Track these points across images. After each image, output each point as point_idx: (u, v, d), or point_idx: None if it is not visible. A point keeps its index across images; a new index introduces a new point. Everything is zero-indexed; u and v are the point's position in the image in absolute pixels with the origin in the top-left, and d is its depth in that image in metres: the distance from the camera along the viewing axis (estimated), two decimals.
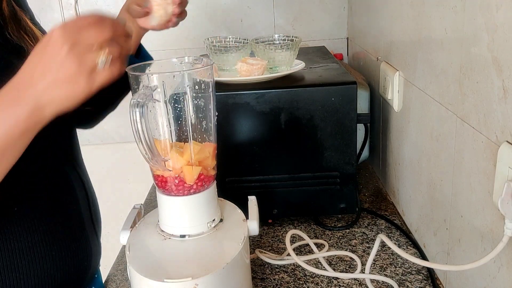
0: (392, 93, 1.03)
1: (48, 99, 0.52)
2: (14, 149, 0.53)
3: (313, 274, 0.87)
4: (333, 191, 1.01)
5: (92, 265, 0.79)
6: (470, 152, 0.67)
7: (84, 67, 0.51)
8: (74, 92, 0.52)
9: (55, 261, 0.69)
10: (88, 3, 1.69)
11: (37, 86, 0.51)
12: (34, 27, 0.74)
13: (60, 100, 0.52)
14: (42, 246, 0.67)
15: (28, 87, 0.51)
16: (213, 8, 1.69)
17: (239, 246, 0.66)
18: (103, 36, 0.51)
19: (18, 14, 0.72)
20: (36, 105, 0.51)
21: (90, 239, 0.77)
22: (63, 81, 0.51)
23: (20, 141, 0.53)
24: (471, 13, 0.63)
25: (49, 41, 0.51)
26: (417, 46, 0.87)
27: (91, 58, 0.51)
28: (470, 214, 0.68)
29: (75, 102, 0.53)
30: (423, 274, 0.86)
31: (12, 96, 0.52)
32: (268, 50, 1.01)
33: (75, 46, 0.50)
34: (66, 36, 0.50)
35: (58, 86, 0.51)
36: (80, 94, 0.52)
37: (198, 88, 0.66)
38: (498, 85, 0.57)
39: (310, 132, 0.97)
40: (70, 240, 0.72)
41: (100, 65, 0.51)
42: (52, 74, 0.50)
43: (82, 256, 0.74)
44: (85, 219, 0.76)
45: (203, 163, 0.68)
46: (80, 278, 0.75)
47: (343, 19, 1.70)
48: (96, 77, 0.52)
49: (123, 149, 1.73)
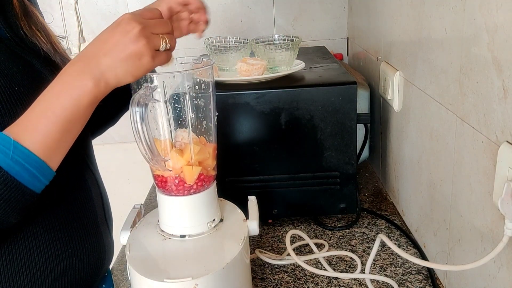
0: (392, 93, 1.03)
1: (114, 72, 0.57)
2: (82, 119, 0.58)
3: (313, 274, 0.87)
4: (333, 191, 1.01)
5: (106, 262, 0.80)
6: (470, 152, 0.67)
7: (151, 46, 0.57)
8: (137, 67, 0.57)
9: (71, 258, 0.69)
10: (88, 3, 1.69)
11: (105, 58, 0.56)
12: (45, 22, 0.74)
13: (124, 74, 0.57)
14: (59, 244, 0.68)
15: (97, 60, 0.56)
16: (213, 8, 1.68)
17: (239, 246, 0.66)
18: (165, 29, 0.60)
19: (29, 9, 0.72)
20: (102, 76, 0.56)
21: (103, 236, 0.78)
22: (131, 56, 0.56)
23: (87, 110, 0.57)
24: (471, 13, 0.63)
25: (121, 21, 0.57)
26: (417, 46, 0.87)
27: (157, 40, 0.58)
28: (470, 214, 0.68)
29: (136, 77, 0.59)
30: (423, 274, 0.86)
31: (80, 68, 0.56)
32: (268, 50, 1.01)
33: (145, 28, 0.57)
34: (136, 19, 0.57)
35: (125, 60, 0.56)
36: (141, 70, 0.58)
37: (198, 88, 0.66)
38: (498, 85, 0.57)
39: (310, 132, 0.97)
40: (85, 238, 0.72)
41: (162, 47, 0.59)
42: (121, 48, 0.56)
43: (96, 253, 0.75)
44: (99, 217, 0.77)
45: (203, 163, 0.68)
46: (94, 275, 0.75)
47: (343, 19, 1.70)
48: (156, 58, 0.59)
49: (123, 149, 1.73)
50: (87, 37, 1.72)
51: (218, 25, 1.70)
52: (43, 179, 0.56)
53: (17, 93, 0.61)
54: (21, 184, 0.54)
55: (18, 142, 0.53)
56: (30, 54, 0.68)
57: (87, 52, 0.58)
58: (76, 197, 0.72)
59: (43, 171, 0.55)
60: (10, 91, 0.60)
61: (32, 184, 0.55)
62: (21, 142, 0.54)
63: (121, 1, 1.69)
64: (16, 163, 0.53)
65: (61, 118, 0.55)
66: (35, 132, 0.55)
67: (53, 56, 0.72)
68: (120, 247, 0.97)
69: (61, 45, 0.76)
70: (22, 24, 0.69)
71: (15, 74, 0.63)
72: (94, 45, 0.58)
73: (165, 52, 0.60)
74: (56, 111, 0.55)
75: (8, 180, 0.52)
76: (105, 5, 1.69)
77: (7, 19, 0.68)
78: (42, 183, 0.56)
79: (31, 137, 0.54)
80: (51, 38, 0.73)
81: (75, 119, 0.57)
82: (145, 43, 0.57)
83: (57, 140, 0.56)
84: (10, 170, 0.52)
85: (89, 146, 0.81)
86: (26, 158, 0.54)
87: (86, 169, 0.76)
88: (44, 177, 0.56)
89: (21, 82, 0.63)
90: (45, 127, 0.55)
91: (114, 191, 0.98)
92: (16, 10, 0.69)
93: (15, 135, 0.54)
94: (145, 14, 0.59)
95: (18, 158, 0.53)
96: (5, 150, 0.52)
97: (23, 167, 0.53)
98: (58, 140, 0.56)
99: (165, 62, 0.61)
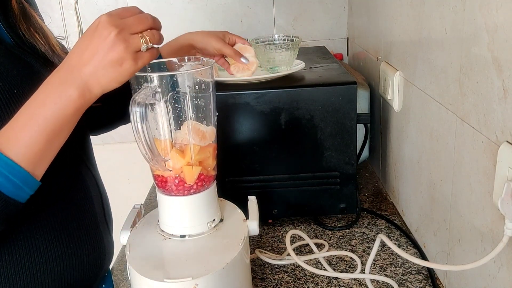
0: (392, 93, 1.03)
1: (97, 80, 0.56)
2: (66, 128, 0.57)
3: (313, 274, 0.87)
4: (333, 191, 1.01)
5: (106, 263, 0.80)
6: (470, 152, 0.67)
7: (130, 49, 0.56)
8: (120, 73, 0.57)
9: (71, 258, 0.69)
10: (88, 3, 1.69)
11: (86, 68, 0.56)
12: (43, 24, 0.74)
13: (107, 81, 0.57)
14: (59, 244, 0.68)
15: (78, 69, 0.56)
16: (213, 8, 1.69)
17: (239, 246, 0.66)
18: (144, 25, 0.58)
19: (27, 11, 0.72)
20: (85, 85, 0.56)
21: (103, 236, 0.78)
22: (111, 63, 0.56)
23: (73, 119, 0.57)
24: (471, 13, 0.63)
25: (97, 26, 0.56)
26: (417, 46, 0.87)
27: (136, 42, 0.57)
28: (470, 214, 0.68)
29: (121, 83, 0.58)
30: (423, 274, 0.86)
31: (63, 78, 0.56)
32: (268, 50, 1.01)
33: (122, 31, 0.56)
34: (113, 22, 0.55)
35: (106, 68, 0.56)
36: (124, 75, 0.57)
37: (198, 88, 0.66)
38: (498, 85, 0.57)
39: (310, 132, 0.97)
40: (85, 238, 0.72)
41: (143, 47, 0.58)
42: (100, 56, 0.55)
43: (96, 253, 0.75)
44: (99, 217, 0.77)
45: (203, 163, 0.68)
46: (94, 275, 0.75)
47: (343, 19, 1.70)
48: (139, 59, 0.58)
49: (123, 149, 1.73)
50: None
51: (218, 25, 1.70)
52: (27, 190, 0.56)
53: (16, 96, 0.61)
54: (4, 195, 0.53)
55: (2, 153, 0.53)
56: (29, 55, 0.68)
57: (69, 61, 0.57)
58: (75, 198, 0.72)
59: (27, 181, 0.55)
60: (10, 94, 0.60)
61: (16, 195, 0.55)
62: (5, 153, 0.53)
63: (121, 1, 1.69)
64: (0, 174, 0.53)
65: (45, 128, 0.55)
66: (19, 143, 0.54)
67: (51, 58, 0.72)
68: (120, 247, 0.97)
69: (59, 47, 0.75)
70: (21, 26, 0.69)
71: (14, 76, 0.63)
72: (74, 53, 0.57)
73: (148, 51, 0.59)
74: (39, 122, 0.55)
75: None
76: (105, 5, 1.69)
77: (8, 20, 0.68)
78: (27, 193, 0.56)
79: (15, 148, 0.54)
80: (49, 40, 0.73)
81: (59, 129, 0.56)
82: (123, 48, 0.55)
83: (41, 150, 0.56)
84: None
85: (87, 146, 0.80)
86: (10, 169, 0.53)
87: (85, 169, 0.76)
88: (29, 188, 0.56)
89: (20, 85, 0.62)
90: (29, 138, 0.54)
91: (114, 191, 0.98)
92: (15, 12, 0.69)
93: (0, 146, 0.53)
94: (123, 13, 0.58)
95: (2, 169, 0.53)
96: None
97: (7, 178, 0.53)
98: (42, 150, 0.56)
99: (151, 60, 0.60)
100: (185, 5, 1.68)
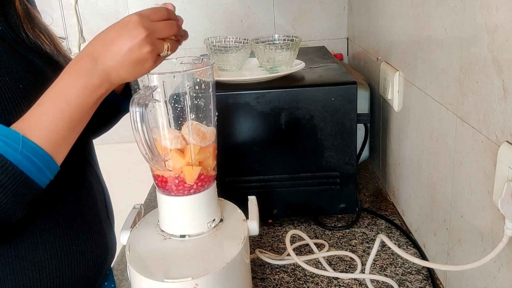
0: (392, 93, 1.03)
1: (117, 73, 0.59)
2: (86, 116, 0.60)
3: (313, 274, 0.87)
4: (333, 191, 1.01)
5: (109, 259, 0.80)
6: (470, 152, 0.67)
7: (155, 52, 0.59)
8: (139, 70, 0.60)
9: (75, 255, 0.70)
10: (88, 3, 1.69)
11: (111, 61, 0.58)
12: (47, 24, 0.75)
13: (126, 75, 0.60)
14: (64, 241, 0.69)
15: (103, 62, 0.58)
16: (213, 8, 1.69)
17: (239, 246, 0.66)
18: (171, 32, 0.61)
19: (31, 12, 0.73)
20: (107, 76, 0.58)
21: (106, 233, 0.78)
22: (136, 61, 0.58)
23: (94, 107, 0.60)
24: (471, 13, 0.63)
25: (128, 24, 0.58)
26: (417, 46, 0.87)
27: (161, 47, 0.60)
28: (470, 214, 0.68)
29: (136, 78, 0.62)
30: (423, 274, 0.86)
31: (88, 68, 0.58)
32: (268, 50, 1.01)
33: (151, 34, 0.58)
34: (143, 24, 0.58)
35: (130, 65, 0.58)
36: (143, 72, 0.61)
37: (198, 88, 0.66)
38: (498, 85, 0.57)
39: (310, 132, 0.97)
40: (89, 235, 0.73)
41: (164, 53, 0.61)
42: (127, 54, 0.58)
43: (99, 250, 0.75)
44: (102, 214, 0.78)
45: (203, 163, 0.68)
46: (97, 272, 0.76)
47: (343, 19, 1.70)
48: (158, 61, 0.61)
49: (123, 149, 1.73)
50: (87, 37, 1.72)
51: (218, 25, 1.70)
52: (48, 173, 0.57)
53: (22, 91, 0.62)
54: (29, 178, 0.55)
55: (26, 137, 0.55)
56: (32, 54, 0.69)
57: (93, 50, 0.59)
58: (79, 195, 0.73)
59: (49, 165, 0.57)
60: (15, 89, 0.61)
61: (38, 178, 0.56)
62: (29, 137, 0.55)
63: (121, 1, 1.69)
64: (25, 157, 0.54)
65: (67, 114, 0.57)
66: (42, 128, 0.56)
67: (56, 57, 0.73)
68: (120, 247, 0.97)
69: (63, 46, 0.77)
70: (25, 26, 0.70)
71: (19, 72, 0.64)
72: (100, 43, 0.59)
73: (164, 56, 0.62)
74: (63, 108, 0.57)
75: (17, 174, 0.54)
76: (105, 5, 1.69)
77: (8, 20, 0.68)
78: (47, 177, 0.58)
79: (39, 132, 0.56)
80: (54, 40, 0.75)
81: (80, 116, 0.58)
82: (149, 50, 0.58)
83: (63, 136, 0.58)
84: (18, 164, 0.54)
85: (90, 144, 0.82)
86: (34, 152, 0.55)
87: (88, 166, 0.77)
88: (50, 171, 0.58)
89: (25, 80, 0.64)
90: (52, 123, 0.56)
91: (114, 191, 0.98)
92: (19, 13, 0.70)
93: (23, 131, 0.55)
94: (152, 16, 0.60)
95: (27, 152, 0.54)
96: (14, 145, 0.54)
97: (31, 161, 0.55)
98: (64, 136, 0.58)
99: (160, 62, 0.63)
100: (185, 5, 1.68)
